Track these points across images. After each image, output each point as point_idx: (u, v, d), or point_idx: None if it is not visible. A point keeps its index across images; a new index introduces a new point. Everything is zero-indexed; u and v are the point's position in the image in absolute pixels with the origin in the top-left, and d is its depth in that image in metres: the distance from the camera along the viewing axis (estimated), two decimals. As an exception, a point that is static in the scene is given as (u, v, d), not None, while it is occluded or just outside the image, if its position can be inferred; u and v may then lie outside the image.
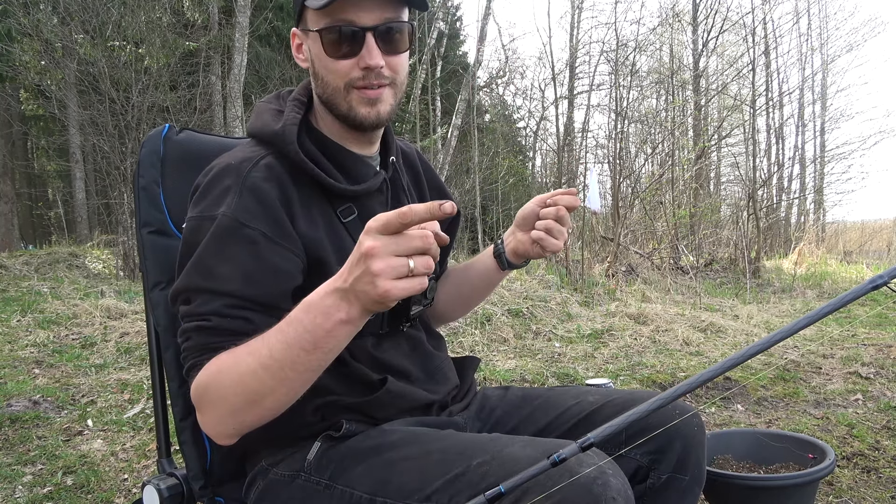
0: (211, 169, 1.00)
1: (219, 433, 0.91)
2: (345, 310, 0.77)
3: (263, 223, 0.93)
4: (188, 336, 0.91)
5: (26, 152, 15.15)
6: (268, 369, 0.82)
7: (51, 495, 2.22)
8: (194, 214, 0.96)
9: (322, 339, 0.79)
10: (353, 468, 0.94)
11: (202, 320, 0.90)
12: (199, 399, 0.89)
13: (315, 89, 1.05)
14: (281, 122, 1.01)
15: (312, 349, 0.80)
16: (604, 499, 0.76)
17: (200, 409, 0.90)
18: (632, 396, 1.13)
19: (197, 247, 0.93)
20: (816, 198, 16.23)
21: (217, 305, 0.90)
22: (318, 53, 0.99)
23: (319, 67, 1.01)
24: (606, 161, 12.48)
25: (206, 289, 0.91)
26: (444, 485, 0.85)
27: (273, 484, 1.01)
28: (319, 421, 1.02)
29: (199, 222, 0.95)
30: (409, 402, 1.07)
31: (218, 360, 0.87)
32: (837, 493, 2.17)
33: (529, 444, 0.87)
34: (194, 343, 0.90)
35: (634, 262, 8.25)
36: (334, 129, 1.06)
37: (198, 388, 0.89)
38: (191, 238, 0.95)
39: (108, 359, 3.88)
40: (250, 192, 0.95)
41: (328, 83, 1.01)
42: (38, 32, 8.42)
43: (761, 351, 0.75)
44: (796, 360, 4.01)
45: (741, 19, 14.80)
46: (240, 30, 9.37)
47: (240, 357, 0.85)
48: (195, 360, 0.90)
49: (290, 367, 0.81)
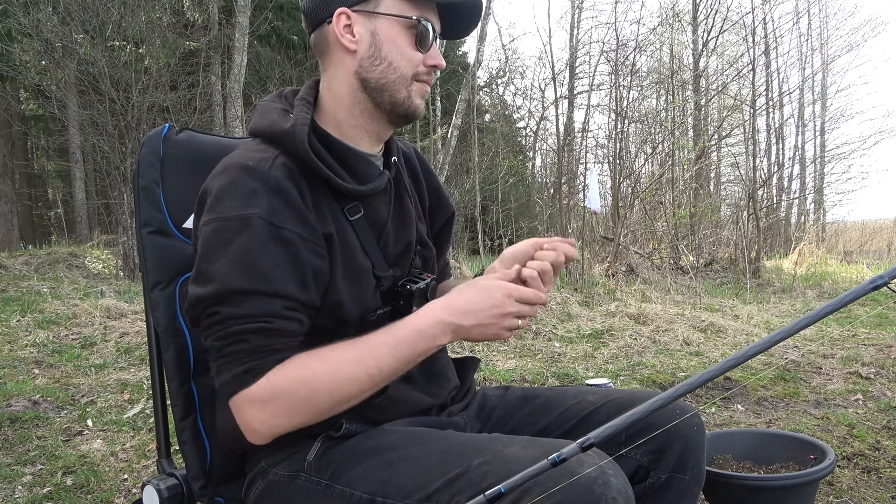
0: (225, 170, 0.96)
1: (273, 434, 0.93)
2: (447, 339, 0.96)
3: (295, 224, 0.93)
4: (244, 339, 0.89)
5: (26, 152, 15.15)
6: (371, 378, 0.93)
7: (51, 495, 2.22)
8: (217, 216, 0.92)
9: (417, 357, 0.95)
10: (353, 468, 0.94)
11: (263, 322, 0.89)
12: (274, 399, 0.89)
13: (366, 73, 1.02)
14: (291, 122, 0.99)
15: (408, 364, 0.95)
16: (604, 499, 0.76)
17: (269, 409, 0.90)
18: (632, 396, 1.13)
19: (224, 248, 0.90)
20: (816, 198, 16.24)
21: (276, 307, 0.90)
22: (394, 38, 1.01)
23: (389, 51, 1.01)
24: (606, 161, 12.49)
25: (257, 290, 0.89)
26: (444, 485, 0.85)
27: (273, 484, 1.01)
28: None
29: (225, 223, 0.91)
30: (409, 407, 1.07)
31: (307, 365, 0.91)
32: (837, 493, 2.17)
33: (530, 444, 0.87)
34: (254, 346, 0.89)
35: (634, 262, 8.25)
36: (342, 129, 1.05)
37: (275, 389, 0.89)
38: (215, 240, 0.91)
39: (108, 359, 3.88)
40: (276, 194, 0.93)
41: (396, 68, 1.01)
42: (38, 32, 8.42)
43: (761, 351, 0.74)
44: (796, 360, 4.01)
45: (741, 19, 14.82)
46: (240, 30, 9.38)
47: (339, 364, 0.92)
48: (255, 363, 0.89)
49: (389, 377, 0.95)
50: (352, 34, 1.01)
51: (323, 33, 1.03)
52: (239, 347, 0.89)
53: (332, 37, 1.02)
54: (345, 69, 1.03)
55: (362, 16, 1.00)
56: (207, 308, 0.91)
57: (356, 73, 1.02)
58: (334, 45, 1.02)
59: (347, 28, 1.01)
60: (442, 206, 1.25)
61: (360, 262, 1.03)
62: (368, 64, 1.01)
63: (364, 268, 1.03)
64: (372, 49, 1.01)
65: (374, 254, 1.06)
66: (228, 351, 0.90)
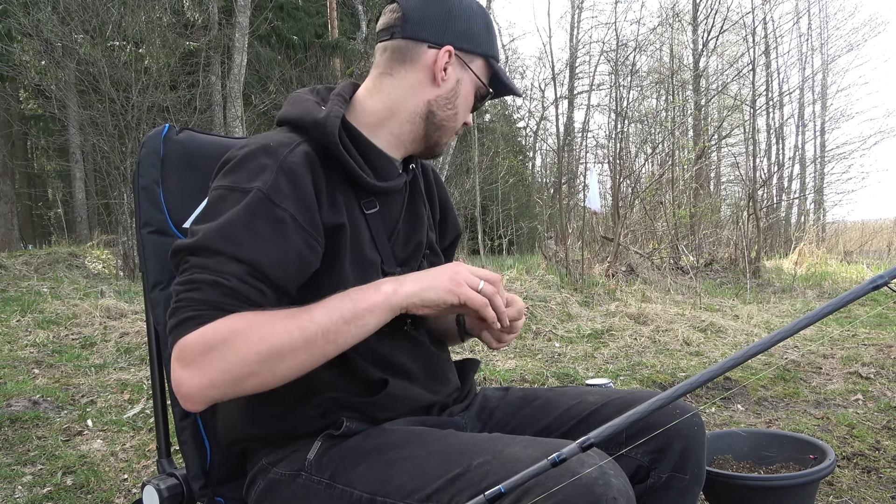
0: (246, 146, 1.00)
1: (202, 394, 0.87)
2: (392, 286, 0.92)
3: (294, 206, 0.95)
4: (197, 287, 0.88)
5: (26, 152, 15.15)
6: (304, 331, 0.87)
7: (51, 495, 2.22)
8: (224, 184, 0.96)
9: (361, 312, 0.90)
10: (354, 467, 0.94)
11: (221, 277, 0.89)
12: (205, 350, 0.85)
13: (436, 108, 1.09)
14: (325, 113, 1.03)
15: (350, 319, 0.89)
16: (605, 499, 0.76)
17: (197, 362, 0.85)
18: (632, 396, 1.13)
19: (221, 213, 0.93)
20: (816, 198, 16.25)
21: (238, 270, 0.90)
22: (467, 95, 1.11)
23: (460, 103, 1.11)
24: (606, 161, 12.48)
25: (228, 253, 0.90)
26: (444, 484, 0.85)
27: (274, 483, 1.01)
28: (320, 417, 1.02)
29: (228, 192, 0.95)
30: (410, 405, 1.07)
31: (245, 317, 0.87)
32: (837, 493, 2.17)
33: (531, 444, 0.87)
34: (203, 297, 0.88)
35: (634, 262, 8.25)
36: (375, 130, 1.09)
37: (205, 339, 0.86)
38: (216, 204, 0.95)
39: (108, 359, 3.88)
40: (286, 175, 0.96)
41: (457, 119, 1.12)
42: (38, 32, 8.42)
43: (761, 351, 0.74)
44: (796, 360, 4.01)
45: (741, 19, 14.83)
46: (240, 30, 9.38)
47: (275, 318, 0.88)
48: (197, 313, 0.87)
49: (324, 334, 0.88)
50: (444, 71, 1.07)
51: (419, 49, 1.07)
52: (191, 295, 0.88)
53: (428, 61, 1.07)
54: (419, 91, 1.08)
55: (459, 62, 1.09)
56: (183, 256, 0.93)
57: (428, 103, 1.09)
58: (424, 67, 1.07)
59: (446, 64, 1.07)
60: (449, 224, 1.29)
61: (368, 256, 1.05)
62: (443, 103, 1.09)
63: (372, 261, 1.05)
64: (452, 93, 1.09)
65: (385, 250, 1.08)
66: (182, 297, 0.89)
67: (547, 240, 8.95)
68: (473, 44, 1.09)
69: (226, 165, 1.00)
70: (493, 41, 1.13)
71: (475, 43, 1.09)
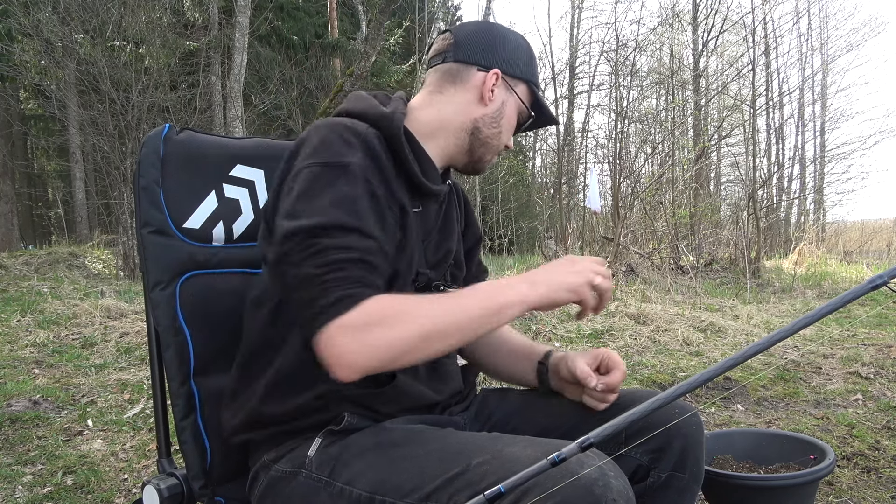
0: (325, 124, 1.02)
1: (363, 365, 0.89)
2: (525, 285, 0.96)
3: (381, 186, 1.00)
4: (342, 267, 0.90)
5: (26, 152, 15.14)
6: (457, 316, 0.93)
7: (51, 495, 2.22)
8: (318, 161, 0.97)
9: (503, 306, 0.95)
10: (353, 466, 0.95)
11: (364, 255, 0.92)
12: (367, 326, 0.88)
13: (482, 125, 1.15)
14: (391, 109, 1.08)
15: (496, 311, 0.94)
16: (605, 500, 0.76)
17: (363, 335, 0.88)
18: (632, 396, 1.13)
19: (325, 188, 0.94)
20: (816, 198, 16.25)
21: (371, 246, 0.94)
22: (511, 116, 1.17)
23: (505, 123, 1.17)
24: (606, 161, 12.49)
25: (358, 228, 0.93)
26: (443, 483, 0.85)
27: (275, 480, 1.02)
28: (323, 408, 1.02)
29: (323, 168, 0.96)
30: (414, 400, 1.07)
31: (402, 299, 0.94)
32: (837, 493, 2.17)
33: (530, 444, 0.87)
34: (351, 275, 0.90)
35: (634, 262, 8.25)
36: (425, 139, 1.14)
37: (368, 315, 0.88)
38: (315, 181, 0.95)
39: (108, 359, 3.88)
40: (369, 154, 1.00)
41: (501, 138, 1.18)
42: (38, 32, 8.42)
43: (761, 351, 0.75)
44: (796, 360, 4.01)
45: (741, 19, 14.83)
46: (240, 30, 9.37)
47: (430, 301, 0.96)
48: (351, 291, 0.89)
49: (473, 321, 0.94)
50: (492, 92, 1.14)
51: (469, 71, 1.14)
52: (337, 275, 0.90)
53: (477, 82, 1.14)
54: (467, 109, 1.14)
55: (505, 84, 1.15)
56: (306, 239, 0.91)
57: (475, 120, 1.15)
58: (472, 88, 1.14)
59: (493, 85, 1.14)
60: (471, 229, 1.33)
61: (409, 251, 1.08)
62: (489, 121, 1.15)
63: (411, 258, 1.08)
64: (497, 113, 1.15)
65: (419, 251, 1.11)
66: (327, 278, 0.89)
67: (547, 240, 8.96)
68: (518, 70, 1.16)
69: (304, 146, 1.00)
70: (535, 70, 1.20)
71: (520, 69, 1.16)
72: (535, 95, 1.19)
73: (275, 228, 0.96)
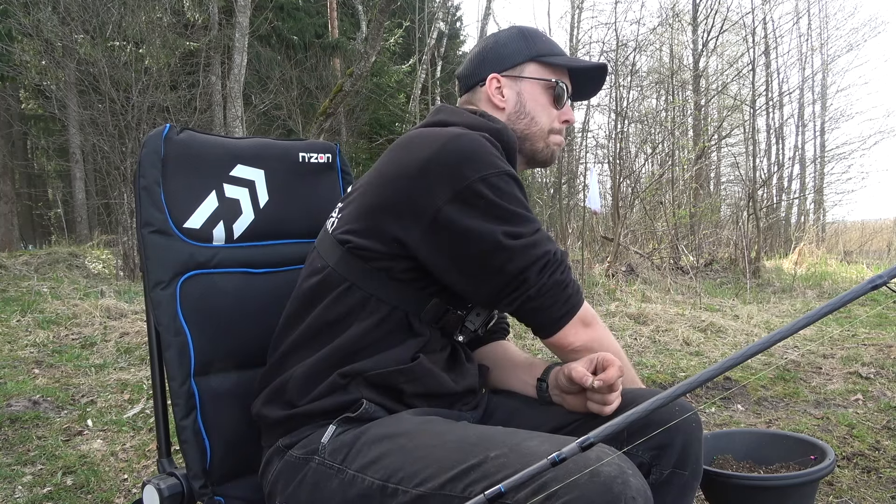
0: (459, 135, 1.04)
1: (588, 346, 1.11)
2: None
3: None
4: (568, 283, 1.08)
5: (26, 152, 15.14)
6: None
7: (51, 495, 2.22)
8: (487, 173, 1.01)
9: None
10: (367, 454, 0.95)
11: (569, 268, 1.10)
12: (593, 320, 1.12)
13: (513, 125, 1.19)
14: (502, 124, 1.15)
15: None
16: (624, 498, 0.76)
17: (590, 326, 1.11)
18: (632, 396, 1.13)
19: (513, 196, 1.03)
20: (816, 198, 16.23)
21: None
22: (536, 97, 1.20)
23: (532, 108, 1.20)
24: (606, 161, 12.49)
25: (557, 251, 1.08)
26: (459, 474, 0.85)
27: (288, 465, 1.03)
28: (344, 388, 1.03)
29: (498, 176, 1.02)
30: (434, 383, 1.08)
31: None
32: (837, 493, 2.17)
33: (547, 440, 0.88)
34: (576, 284, 1.10)
35: (634, 262, 8.25)
36: None
37: (591, 313, 1.12)
38: (501, 193, 1.02)
39: (108, 359, 3.88)
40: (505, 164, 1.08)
41: (538, 122, 1.21)
42: (38, 32, 8.41)
43: (761, 351, 0.74)
44: (796, 360, 4.01)
45: (741, 19, 14.80)
46: (240, 30, 9.36)
47: None
48: (580, 295, 1.10)
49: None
50: (501, 95, 1.20)
51: (476, 93, 1.22)
52: (570, 277, 1.09)
53: (485, 96, 1.21)
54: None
55: (510, 79, 1.20)
56: (547, 258, 1.05)
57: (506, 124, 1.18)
58: (486, 103, 1.21)
59: (498, 90, 1.20)
60: None
61: None
62: (515, 118, 1.20)
63: None
64: (518, 106, 1.20)
65: None
66: (569, 280, 1.08)
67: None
68: (511, 59, 1.20)
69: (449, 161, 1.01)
70: (533, 44, 1.21)
71: (513, 57, 1.20)
72: (550, 61, 1.20)
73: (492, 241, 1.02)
